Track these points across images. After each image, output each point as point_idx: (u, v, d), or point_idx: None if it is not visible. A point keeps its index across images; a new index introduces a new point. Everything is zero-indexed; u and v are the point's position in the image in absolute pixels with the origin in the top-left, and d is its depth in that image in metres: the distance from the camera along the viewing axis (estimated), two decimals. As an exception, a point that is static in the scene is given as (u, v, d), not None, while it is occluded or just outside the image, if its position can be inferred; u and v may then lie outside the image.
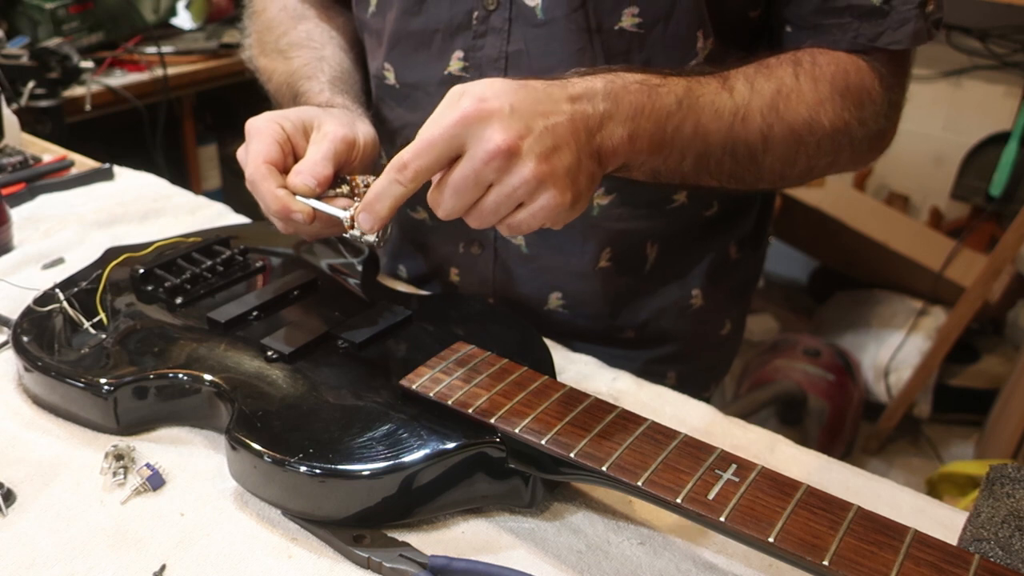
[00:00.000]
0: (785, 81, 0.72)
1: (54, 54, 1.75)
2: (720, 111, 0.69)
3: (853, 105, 0.74)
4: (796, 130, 0.72)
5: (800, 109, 0.72)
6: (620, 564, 0.59)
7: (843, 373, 2.17)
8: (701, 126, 0.68)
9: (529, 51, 0.78)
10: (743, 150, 0.71)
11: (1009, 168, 2.26)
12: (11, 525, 0.59)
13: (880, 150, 0.81)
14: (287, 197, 0.69)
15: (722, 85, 0.70)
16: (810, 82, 0.73)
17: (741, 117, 0.70)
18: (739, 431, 0.73)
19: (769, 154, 0.72)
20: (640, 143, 0.65)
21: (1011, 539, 0.55)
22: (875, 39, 0.74)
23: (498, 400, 0.61)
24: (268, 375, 0.67)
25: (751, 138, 0.71)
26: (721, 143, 0.70)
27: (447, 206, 0.61)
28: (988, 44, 2.38)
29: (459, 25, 0.80)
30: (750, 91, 0.71)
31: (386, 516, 0.60)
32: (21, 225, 0.98)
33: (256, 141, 0.72)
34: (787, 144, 0.72)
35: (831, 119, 0.73)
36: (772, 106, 0.71)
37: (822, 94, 0.73)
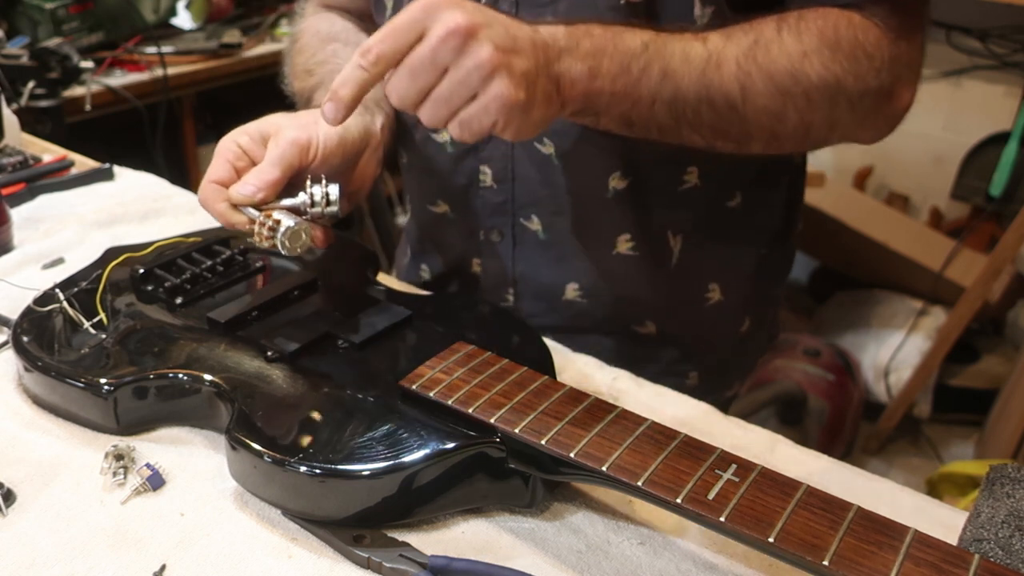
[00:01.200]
0: (765, 33, 0.71)
1: (54, 54, 1.75)
2: (691, 57, 0.69)
3: (845, 58, 0.71)
4: (778, 80, 0.70)
5: (781, 59, 0.70)
6: (620, 564, 0.59)
7: (843, 373, 2.17)
8: (670, 70, 0.68)
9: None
10: (720, 99, 0.70)
11: (1009, 168, 2.26)
12: (11, 525, 0.59)
13: (892, 114, 0.77)
14: (227, 211, 0.71)
15: (694, 36, 0.70)
16: (794, 35, 0.71)
17: (715, 64, 0.69)
18: (739, 431, 0.73)
19: (750, 104, 0.71)
20: (601, 81, 0.66)
21: (1011, 539, 0.55)
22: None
23: (498, 400, 0.61)
24: (268, 375, 0.67)
25: (727, 86, 0.69)
26: (694, 90, 0.69)
27: (401, 88, 0.61)
28: (988, 44, 2.37)
29: None
30: (725, 41, 0.70)
31: (386, 516, 0.60)
32: (21, 225, 0.98)
33: (212, 162, 0.74)
34: (770, 95, 0.70)
35: (818, 71, 0.71)
36: (749, 55, 0.70)
37: (807, 46, 0.70)
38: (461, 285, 0.98)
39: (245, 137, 0.75)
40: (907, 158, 2.60)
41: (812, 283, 2.84)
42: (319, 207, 0.72)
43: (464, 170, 0.89)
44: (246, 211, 0.71)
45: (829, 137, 0.76)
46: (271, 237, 0.70)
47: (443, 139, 0.89)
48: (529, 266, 0.91)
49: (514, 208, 0.89)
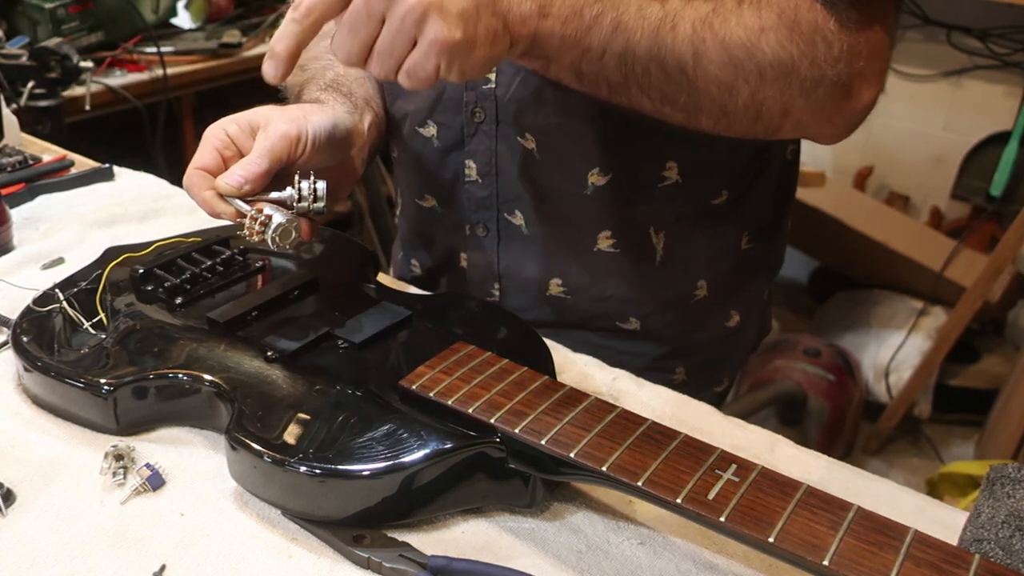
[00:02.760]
0: (725, 3, 0.69)
1: (54, 54, 1.75)
2: (646, 13, 0.68)
3: (802, 40, 0.69)
4: (732, 51, 0.69)
5: (738, 30, 0.68)
6: (620, 564, 0.59)
7: (843, 373, 2.17)
8: (623, 23, 0.67)
9: None
10: (672, 61, 0.68)
11: (1009, 168, 2.26)
12: (11, 525, 0.59)
13: (851, 112, 0.73)
14: (213, 199, 0.71)
15: None
16: (754, 9, 0.69)
17: (670, 25, 0.68)
18: (739, 431, 0.73)
19: (701, 71, 0.69)
20: (552, 22, 0.66)
21: (1011, 539, 0.55)
22: None
23: (498, 400, 0.61)
24: (268, 375, 0.67)
25: (680, 49, 0.68)
26: (646, 47, 0.68)
27: (344, 46, 0.62)
28: (988, 44, 2.37)
29: None
30: (683, 5, 0.69)
31: (386, 516, 0.60)
32: (21, 225, 0.98)
33: (199, 149, 0.74)
34: (722, 65, 0.69)
35: (774, 48, 0.69)
36: (706, 21, 0.68)
37: (766, 21, 0.69)
38: (449, 279, 0.98)
39: (234, 126, 0.75)
40: (907, 158, 2.60)
41: (812, 283, 2.84)
42: (306, 202, 0.72)
43: (450, 164, 0.90)
44: (233, 202, 0.71)
45: (782, 123, 0.73)
46: (262, 232, 0.70)
47: (429, 133, 0.90)
48: (513, 261, 0.92)
49: (498, 203, 0.89)
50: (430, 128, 0.89)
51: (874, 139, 2.64)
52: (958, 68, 2.44)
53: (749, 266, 0.96)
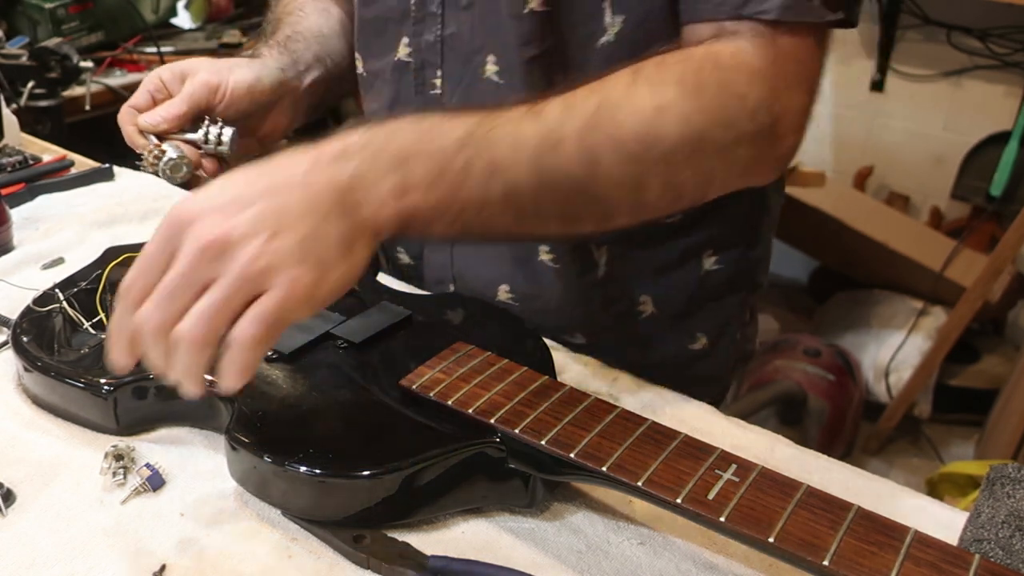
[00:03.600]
0: (612, 93, 0.62)
1: (54, 54, 1.75)
2: (521, 141, 0.60)
3: (710, 106, 0.63)
4: (629, 148, 0.62)
5: (630, 122, 0.62)
6: (620, 564, 0.59)
7: (843, 373, 2.17)
8: (497, 162, 0.59)
9: (462, 35, 0.80)
10: (564, 184, 0.61)
11: (1009, 168, 2.26)
12: (11, 525, 0.59)
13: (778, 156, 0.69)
14: (133, 134, 0.82)
15: (528, 111, 0.61)
16: (648, 87, 0.63)
17: (551, 145, 0.60)
18: (739, 431, 0.73)
19: (601, 182, 0.62)
20: (414, 195, 0.57)
21: (1011, 539, 0.55)
22: (740, 7, 0.64)
23: (498, 400, 0.61)
24: (268, 375, 0.66)
25: (570, 167, 0.61)
26: (529, 180, 0.60)
27: (153, 316, 0.51)
28: (988, 44, 2.37)
29: (404, 12, 0.82)
30: (563, 113, 0.61)
31: (386, 516, 0.60)
32: (21, 225, 0.98)
33: (137, 90, 0.84)
34: (623, 166, 0.62)
35: (677, 127, 0.62)
36: (591, 125, 0.61)
37: (663, 99, 0.62)
38: (411, 279, 0.97)
39: (168, 72, 0.85)
40: (907, 158, 2.60)
41: (812, 283, 2.84)
42: (211, 145, 0.82)
43: None
44: (149, 138, 0.82)
45: (707, 191, 0.69)
46: (155, 164, 0.81)
47: None
48: (466, 263, 0.90)
49: None
50: None
51: (874, 139, 2.64)
52: (958, 68, 2.44)
53: (716, 286, 0.89)
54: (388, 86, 0.86)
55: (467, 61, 0.80)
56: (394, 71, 0.85)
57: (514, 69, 0.77)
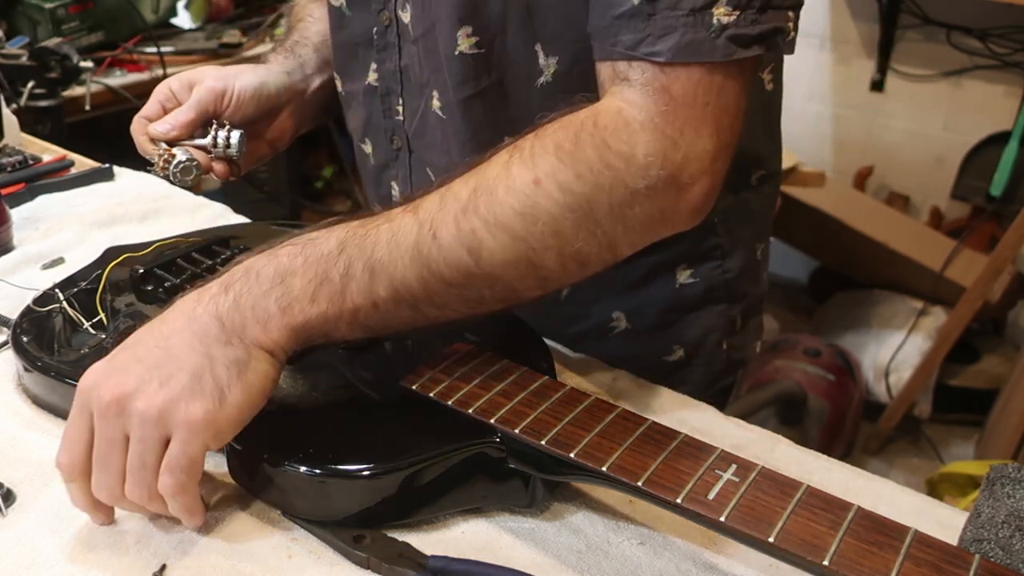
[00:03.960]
0: (488, 174, 0.61)
1: (54, 54, 1.75)
2: (399, 237, 0.59)
3: (591, 171, 0.60)
4: (511, 226, 0.60)
5: (509, 200, 0.59)
6: (620, 564, 0.59)
7: (843, 373, 2.17)
8: (376, 262, 0.59)
9: (413, 66, 0.81)
10: (449, 271, 0.60)
11: (1009, 168, 2.26)
12: (11, 525, 0.59)
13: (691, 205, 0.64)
14: (144, 143, 0.85)
15: (406, 208, 0.61)
16: (524, 162, 0.60)
17: (430, 234, 0.59)
18: (739, 431, 0.73)
19: (487, 263, 0.60)
20: (298, 306, 0.58)
21: (1011, 539, 0.55)
22: (632, 47, 0.61)
23: (498, 400, 0.61)
24: (268, 375, 0.66)
25: (452, 254, 0.59)
26: (413, 273, 0.59)
27: (103, 487, 0.57)
28: (988, 44, 2.37)
29: (368, 40, 0.84)
30: (440, 203, 0.60)
31: (386, 516, 0.60)
32: (21, 225, 0.98)
33: (148, 101, 0.87)
34: (508, 245, 0.60)
35: (556, 198, 0.60)
36: (468, 208, 0.60)
37: (539, 170, 0.60)
38: None
39: (176, 82, 0.88)
40: (907, 158, 2.60)
41: (812, 283, 2.84)
42: (220, 148, 0.85)
43: (384, 181, 0.91)
44: (159, 145, 0.84)
45: (615, 253, 0.64)
46: (165, 168, 0.82)
47: (368, 150, 0.91)
48: None
49: None
50: (368, 145, 0.91)
51: (874, 139, 2.64)
52: (958, 68, 2.44)
53: (692, 298, 0.86)
54: (362, 107, 0.88)
55: (419, 92, 0.82)
56: (366, 94, 0.87)
57: (453, 106, 0.77)
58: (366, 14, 0.83)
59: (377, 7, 0.81)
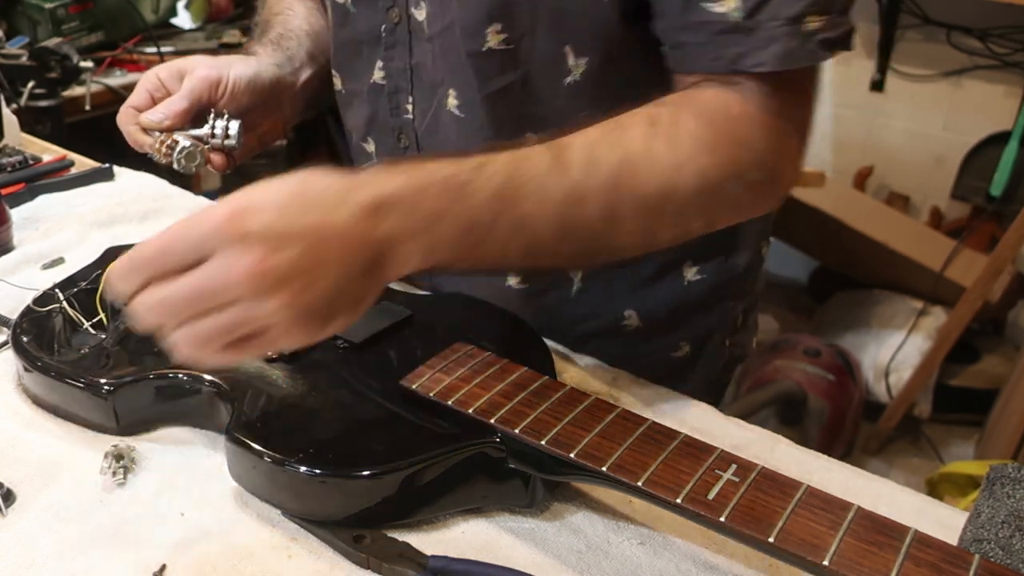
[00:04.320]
0: (633, 148, 0.63)
1: (54, 54, 1.75)
2: (548, 197, 0.60)
3: (725, 161, 0.65)
4: (649, 203, 0.64)
5: (652, 180, 0.63)
6: (620, 564, 0.59)
7: (843, 373, 2.17)
8: (523, 218, 0.60)
9: (425, 64, 0.80)
10: (584, 234, 0.63)
11: (1009, 168, 2.26)
12: (11, 525, 0.59)
13: (777, 193, 0.72)
14: (135, 132, 0.82)
15: (555, 160, 0.61)
16: (666, 143, 0.63)
17: (575, 201, 0.61)
18: (739, 431, 0.73)
19: (618, 232, 0.64)
20: (440, 252, 0.58)
21: (1011, 539, 0.55)
22: (736, 61, 0.64)
23: (498, 400, 0.61)
24: (268, 375, 0.66)
25: (591, 222, 0.63)
26: (552, 231, 0.61)
27: (154, 312, 0.52)
28: (988, 44, 2.37)
29: (375, 37, 0.83)
30: (587, 166, 0.62)
31: (386, 516, 0.60)
32: (21, 225, 0.98)
33: (135, 90, 0.84)
34: (639, 219, 0.64)
35: (694, 183, 0.64)
36: (614, 183, 0.62)
37: (681, 156, 0.63)
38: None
39: (165, 71, 0.84)
40: (907, 158, 2.60)
41: (812, 283, 2.84)
42: (219, 139, 0.82)
43: None
44: (153, 134, 0.82)
45: (714, 228, 0.71)
46: (168, 155, 0.80)
47: (370, 149, 0.90)
48: (439, 284, 0.89)
49: None
50: (370, 144, 0.90)
51: (874, 139, 2.64)
52: (958, 68, 2.44)
53: (700, 295, 0.89)
54: (366, 106, 0.87)
55: (432, 91, 0.81)
56: (370, 92, 0.86)
57: (474, 105, 0.77)
58: (372, 11, 0.82)
59: (386, 4, 0.80)
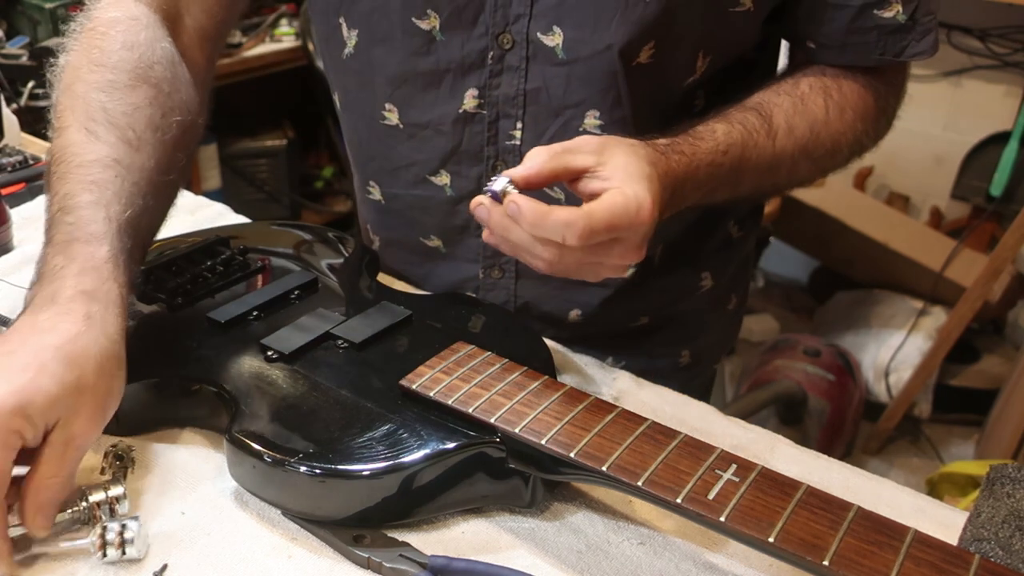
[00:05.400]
0: (818, 117, 0.78)
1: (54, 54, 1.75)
2: (760, 165, 0.76)
3: (871, 128, 0.82)
4: (818, 161, 0.80)
5: (827, 143, 0.79)
6: (620, 564, 0.59)
7: (843, 373, 2.17)
8: (740, 182, 0.75)
9: (548, 89, 0.78)
10: (769, 187, 0.82)
11: (1009, 168, 2.26)
12: (11, 525, 0.59)
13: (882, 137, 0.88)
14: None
15: (767, 133, 0.76)
16: (837, 112, 0.79)
17: (776, 164, 0.77)
18: (739, 431, 0.73)
19: (790, 183, 0.83)
20: (670, 211, 0.69)
21: (1011, 539, 0.55)
22: (900, 53, 0.79)
23: (498, 400, 0.61)
24: (268, 375, 0.67)
25: (778, 178, 0.79)
26: (751, 188, 0.78)
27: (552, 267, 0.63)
28: (988, 44, 2.37)
29: (472, 64, 0.79)
30: (787, 136, 0.77)
31: (386, 516, 0.60)
32: (21, 225, 0.98)
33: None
34: (809, 172, 0.81)
35: (850, 143, 0.81)
36: (803, 148, 0.77)
37: (846, 123, 0.79)
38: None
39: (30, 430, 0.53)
40: (907, 158, 2.60)
41: (812, 283, 2.84)
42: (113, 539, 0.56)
43: (461, 212, 0.87)
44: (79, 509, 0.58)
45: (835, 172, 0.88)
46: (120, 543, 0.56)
47: (442, 182, 0.86)
48: (532, 297, 0.90)
49: None
50: (443, 177, 0.86)
51: (874, 139, 2.64)
52: (958, 68, 2.44)
53: (742, 252, 1.00)
54: (445, 137, 0.83)
55: (554, 114, 0.79)
56: (456, 122, 0.82)
57: (618, 122, 0.78)
58: (467, 38, 0.78)
59: (495, 30, 0.77)
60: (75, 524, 0.58)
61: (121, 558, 0.56)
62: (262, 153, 2.56)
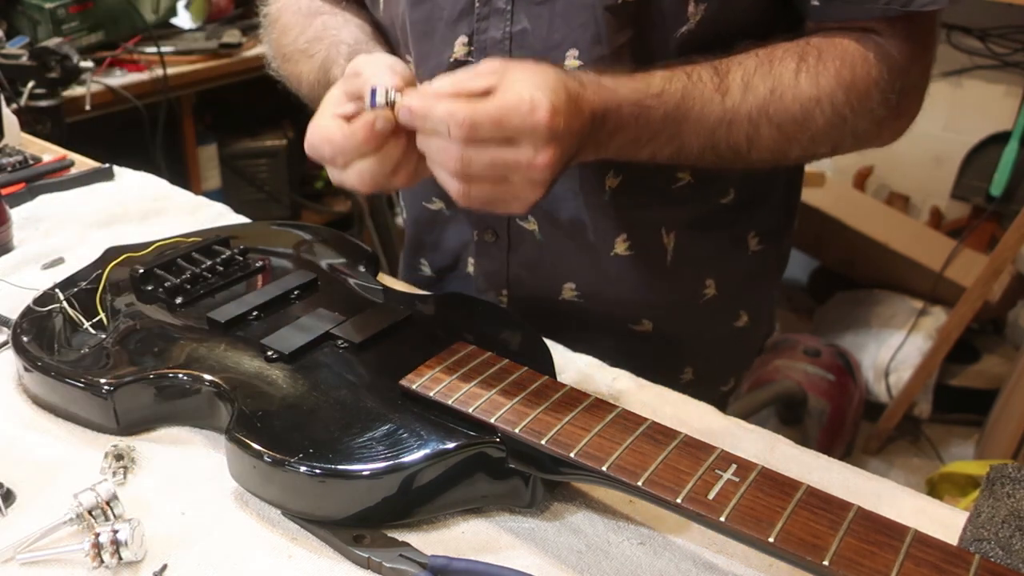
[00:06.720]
0: (783, 79, 0.72)
1: (54, 54, 1.75)
2: (706, 118, 0.71)
3: (856, 99, 0.73)
4: (786, 129, 0.73)
5: (793, 107, 0.72)
6: (620, 564, 0.59)
7: (843, 373, 2.17)
8: (681, 134, 0.71)
9: (533, 30, 0.79)
10: (726, 151, 0.73)
11: (1009, 168, 2.26)
12: (11, 525, 0.59)
13: (898, 128, 0.79)
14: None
15: (717, 87, 0.71)
16: (811, 77, 0.72)
17: (727, 123, 0.71)
18: (739, 431, 0.73)
19: (756, 151, 0.74)
20: (604, 154, 0.69)
21: (1011, 539, 0.55)
22: (908, 3, 0.72)
23: (498, 400, 0.61)
24: (268, 375, 0.67)
25: (735, 141, 0.72)
26: (700, 146, 0.72)
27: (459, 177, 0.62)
28: (988, 44, 2.37)
29: (462, 11, 0.81)
30: (743, 93, 0.71)
31: (386, 516, 0.60)
32: (21, 225, 0.98)
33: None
34: (776, 141, 0.73)
35: (828, 115, 0.73)
36: (762, 109, 0.72)
37: (822, 90, 0.72)
38: (456, 285, 0.98)
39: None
40: (907, 158, 2.60)
41: (812, 283, 2.84)
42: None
43: None
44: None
45: (837, 154, 0.81)
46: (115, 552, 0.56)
47: None
48: (525, 267, 0.91)
49: None
50: None
51: (874, 139, 2.64)
52: (958, 68, 2.44)
53: (759, 267, 0.96)
54: None
55: (541, 57, 0.79)
56: (449, 69, 0.82)
57: (598, 61, 0.78)
58: None
59: None
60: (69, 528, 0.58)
61: (118, 563, 0.56)
62: (262, 153, 2.56)
